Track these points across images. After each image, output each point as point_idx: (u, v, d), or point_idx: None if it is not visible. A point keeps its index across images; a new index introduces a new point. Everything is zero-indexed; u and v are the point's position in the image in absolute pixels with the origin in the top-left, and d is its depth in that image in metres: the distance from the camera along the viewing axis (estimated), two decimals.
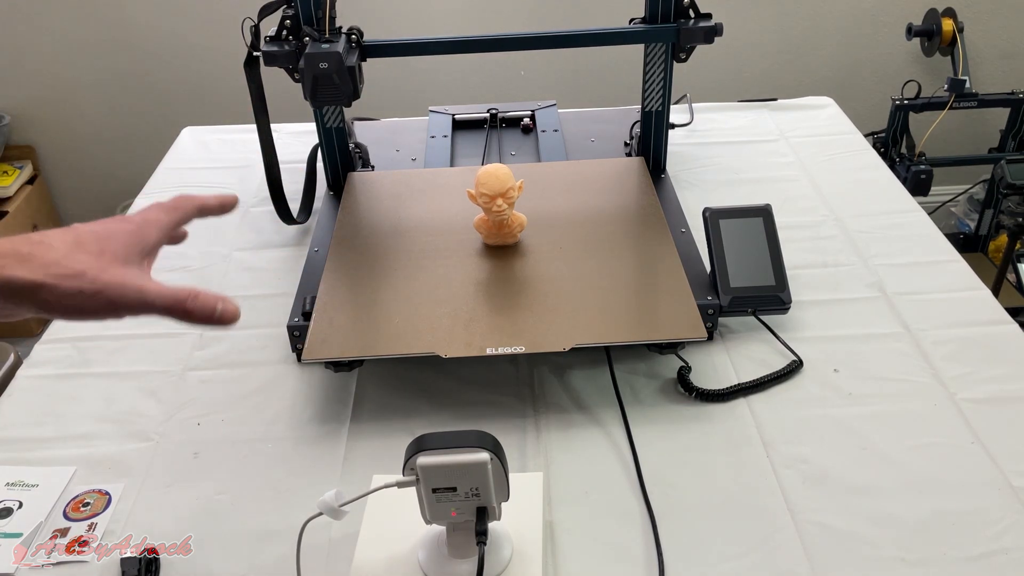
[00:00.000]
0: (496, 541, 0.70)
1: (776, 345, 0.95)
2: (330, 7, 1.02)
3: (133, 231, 0.59)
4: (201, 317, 0.56)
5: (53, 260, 0.53)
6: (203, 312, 0.56)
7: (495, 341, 0.86)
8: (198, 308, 0.56)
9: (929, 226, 1.15)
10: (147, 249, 0.59)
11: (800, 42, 2.41)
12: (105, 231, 0.57)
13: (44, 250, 0.53)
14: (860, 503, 0.77)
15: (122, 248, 0.57)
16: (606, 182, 1.14)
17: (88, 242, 0.55)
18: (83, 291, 0.53)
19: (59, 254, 0.54)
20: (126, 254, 0.57)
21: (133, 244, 0.58)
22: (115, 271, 0.55)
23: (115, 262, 0.55)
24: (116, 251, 0.56)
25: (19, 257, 0.52)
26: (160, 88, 2.42)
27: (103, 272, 0.54)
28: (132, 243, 0.58)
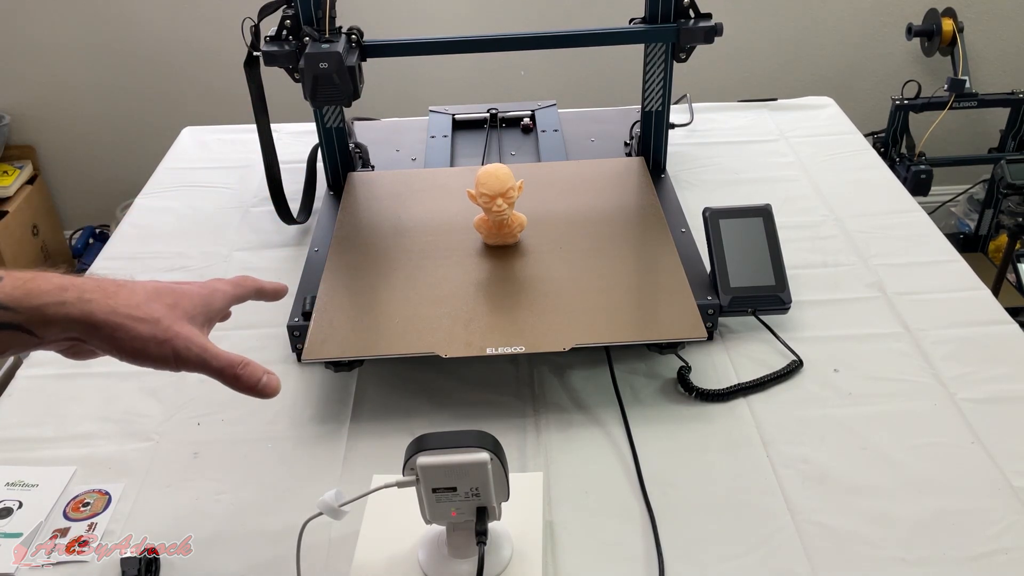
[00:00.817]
0: (496, 541, 0.70)
1: (776, 345, 0.95)
2: (330, 7, 1.02)
3: (205, 295, 0.63)
4: (246, 384, 0.61)
5: (134, 303, 0.57)
6: (249, 380, 0.61)
7: (495, 341, 0.86)
8: (246, 376, 0.61)
9: (929, 226, 1.15)
10: (212, 314, 0.64)
11: (800, 42, 2.41)
12: (180, 289, 0.62)
13: (127, 293, 0.58)
14: (860, 503, 0.77)
15: (191, 307, 0.61)
16: (606, 182, 1.14)
17: (164, 295, 0.60)
18: (155, 337, 0.57)
19: (140, 299, 0.58)
20: (194, 313, 0.61)
21: (201, 306, 0.62)
22: (184, 325, 0.59)
23: (184, 318, 0.60)
24: (187, 308, 0.61)
25: (105, 295, 0.56)
26: (160, 88, 2.42)
27: (174, 324, 0.59)
28: (200, 305, 0.62)
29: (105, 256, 1.17)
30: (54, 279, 0.56)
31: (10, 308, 0.54)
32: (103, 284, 0.57)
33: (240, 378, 0.60)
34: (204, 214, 1.26)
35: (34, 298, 0.54)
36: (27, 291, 0.54)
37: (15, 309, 0.54)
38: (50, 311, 0.54)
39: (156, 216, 1.26)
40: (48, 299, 0.54)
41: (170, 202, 1.29)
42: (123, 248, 1.19)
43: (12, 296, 0.54)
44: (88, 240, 2.58)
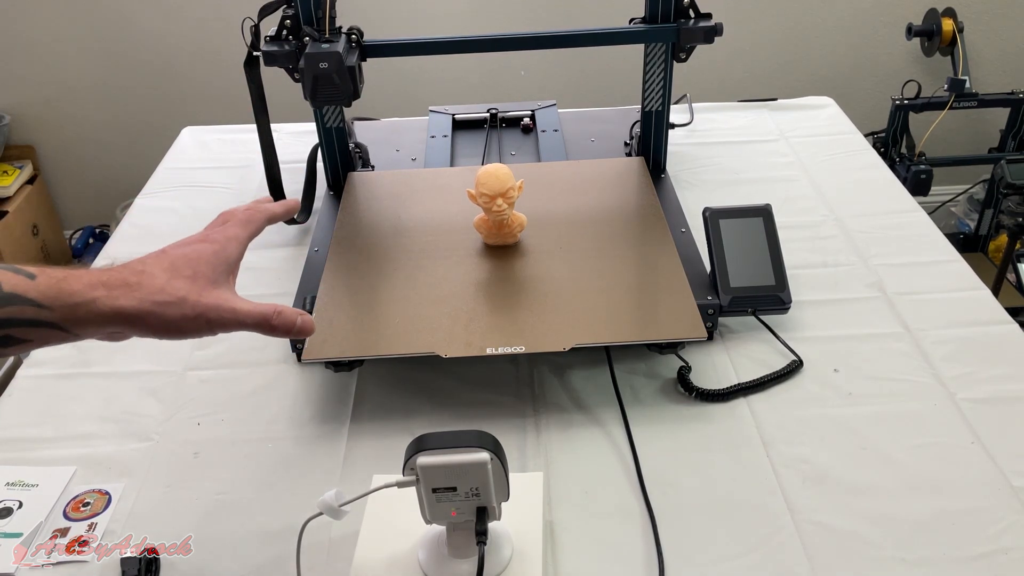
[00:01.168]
0: (496, 541, 0.70)
1: (776, 345, 0.95)
2: (330, 7, 1.02)
3: (218, 251, 0.63)
4: (284, 330, 0.63)
5: (158, 288, 0.58)
6: (286, 325, 0.63)
7: (495, 341, 0.86)
8: (282, 323, 0.62)
9: (929, 226, 1.15)
10: (231, 266, 0.65)
11: (800, 42, 2.41)
12: (195, 253, 0.62)
13: (148, 279, 0.58)
14: (860, 503, 0.77)
15: (211, 270, 0.62)
16: (606, 182, 1.14)
17: (182, 267, 0.60)
18: (185, 315, 0.58)
19: (161, 281, 0.59)
20: (215, 275, 0.62)
21: (219, 263, 0.63)
22: (210, 294, 0.60)
23: (208, 284, 0.61)
24: (207, 274, 0.61)
25: (128, 287, 0.57)
26: (160, 88, 2.42)
27: (200, 296, 0.60)
28: (218, 263, 0.63)
29: (105, 256, 1.17)
30: (84, 277, 0.57)
31: (45, 306, 0.55)
32: (125, 276, 0.58)
33: (277, 328, 0.62)
34: (204, 214, 1.25)
35: (66, 298, 0.55)
36: (60, 291, 0.55)
37: (50, 307, 0.55)
38: (82, 311, 0.56)
39: (156, 216, 1.26)
40: (79, 298, 0.55)
41: (170, 202, 1.29)
42: (123, 248, 1.19)
43: (47, 295, 0.55)
44: (88, 240, 2.58)
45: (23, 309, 0.54)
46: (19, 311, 0.54)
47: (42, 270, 0.56)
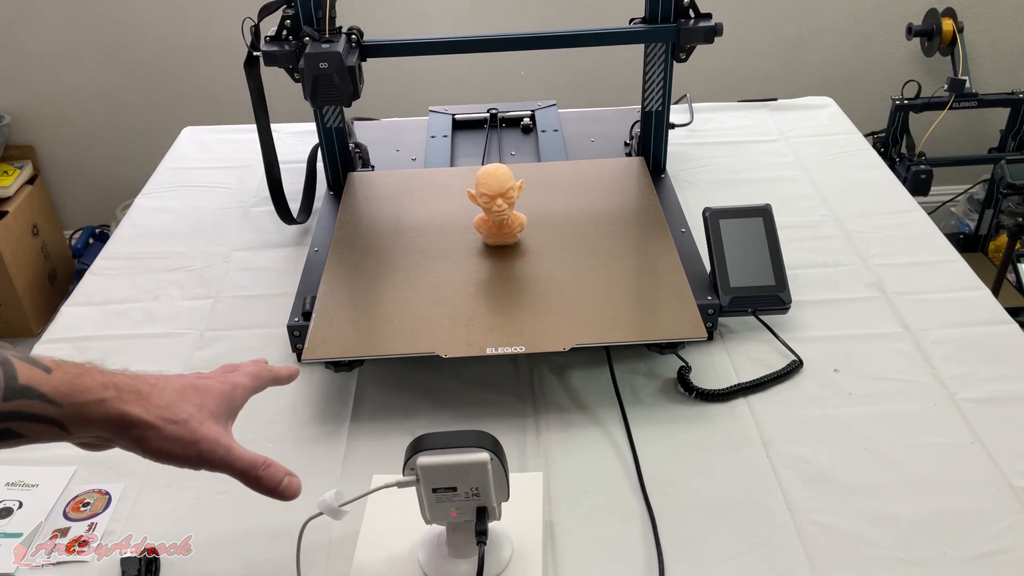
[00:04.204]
0: (496, 541, 0.70)
1: (776, 345, 0.95)
2: (330, 7, 1.02)
3: (227, 392, 0.64)
4: (268, 485, 0.62)
5: (165, 404, 0.59)
6: (271, 481, 0.62)
7: (495, 341, 0.86)
8: (267, 476, 0.62)
9: (929, 226, 1.15)
10: (234, 411, 0.65)
11: (800, 42, 2.41)
12: (205, 387, 0.63)
13: (159, 393, 0.59)
14: (860, 503, 0.77)
15: (216, 407, 0.62)
16: (606, 182, 1.14)
17: (191, 394, 0.61)
18: (182, 438, 0.58)
19: (170, 399, 0.59)
20: (218, 412, 0.62)
21: (224, 404, 0.63)
22: (211, 426, 0.60)
23: (210, 417, 0.61)
24: (212, 407, 0.62)
25: (139, 395, 0.58)
26: (160, 88, 2.42)
27: (202, 425, 0.60)
28: (224, 403, 0.63)
29: (105, 256, 1.17)
30: (98, 376, 0.57)
31: (56, 403, 0.55)
32: (138, 384, 0.59)
33: (261, 480, 0.61)
34: (204, 214, 1.26)
35: (79, 395, 0.56)
36: (74, 387, 0.56)
37: (60, 404, 0.55)
38: (90, 409, 0.56)
39: (156, 216, 1.26)
40: (91, 396, 0.56)
41: (170, 202, 1.29)
42: (123, 248, 1.19)
43: (60, 391, 0.55)
44: (88, 240, 2.58)
45: (33, 404, 0.54)
46: (28, 405, 0.54)
47: (58, 364, 0.56)
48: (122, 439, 0.58)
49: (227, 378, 0.66)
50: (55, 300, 2.45)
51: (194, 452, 0.59)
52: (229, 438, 0.62)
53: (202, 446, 0.59)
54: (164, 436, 0.58)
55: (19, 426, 0.54)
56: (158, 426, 0.58)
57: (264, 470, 0.62)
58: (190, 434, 0.59)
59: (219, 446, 0.60)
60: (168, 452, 0.59)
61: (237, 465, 0.61)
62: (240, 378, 0.67)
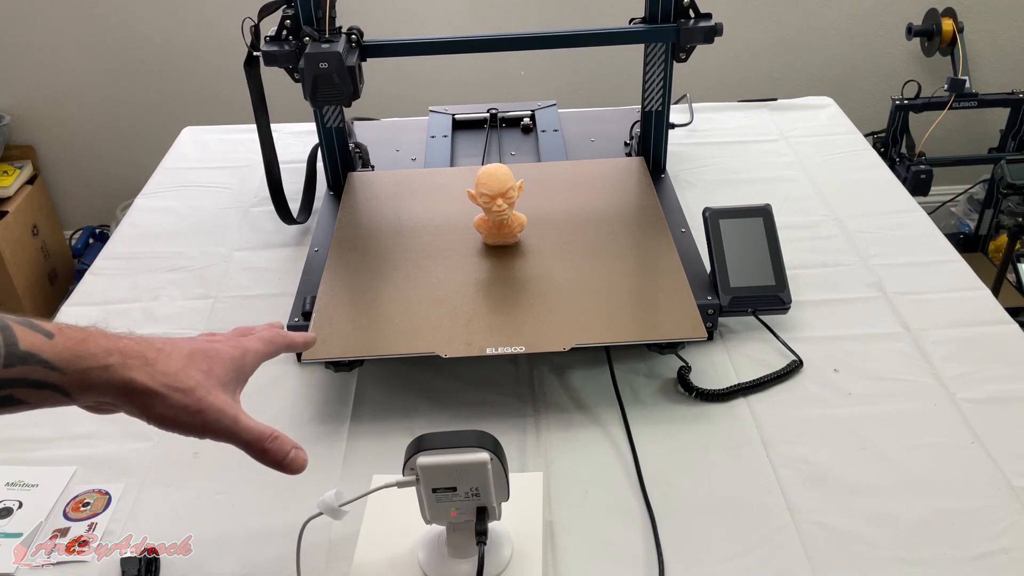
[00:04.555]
0: (496, 541, 0.70)
1: (776, 345, 0.95)
2: (330, 7, 1.02)
3: (237, 357, 0.63)
4: (274, 458, 0.60)
5: (172, 371, 0.57)
6: (277, 454, 0.60)
7: (495, 341, 0.86)
8: (273, 449, 0.60)
9: (929, 226, 1.15)
10: (244, 377, 0.64)
11: (800, 42, 2.41)
12: (214, 351, 0.61)
13: (165, 359, 0.58)
14: (860, 503, 0.77)
15: (224, 372, 0.61)
16: (606, 182, 1.14)
17: (199, 359, 0.60)
18: (188, 407, 0.57)
19: (176, 366, 0.58)
20: (227, 379, 0.61)
21: (234, 370, 0.62)
22: (217, 395, 0.59)
23: (218, 385, 0.60)
24: (220, 374, 0.60)
25: (144, 360, 0.56)
26: (160, 88, 2.42)
27: (208, 393, 0.58)
28: (233, 369, 0.62)
29: (105, 256, 1.17)
30: (102, 341, 0.56)
31: (58, 369, 0.54)
32: (144, 349, 0.57)
33: (268, 451, 0.60)
34: (204, 214, 1.26)
35: (82, 361, 0.54)
36: (77, 353, 0.54)
37: (63, 370, 0.54)
38: (94, 375, 0.55)
39: (156, 216, 1.26)
40: (95, 363, 0.55)
41: (170, 202, 1.29)
42: (123, 248, 1.19)
43: (63, 357, 0.54)
44: (88, 240, 2.58)
45: (35, 370, 0.53)
46: (31, 371, 0.53)
47: (60, 329, 0.55)
48: (126, 405, 0.57)
49: (239, 342, 0.64)
50: (55, 300, 2.45)
51: (199, 421, 0.58)
52: (236, 407, 0.60)
53: (207, 415, 0.58)
54: (169, 404, 0.57)
55: (21, 392, 0.53)
56: (163, 394, 0.56)
57: (271, 442, 0.60)
58: (196, 403, 0.57)
59: (225, 416, 0.58)
60: (173, 420, 0.57)
61: (243, 436, 0.59)
62: (252, 343, 0.65)
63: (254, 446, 0.60)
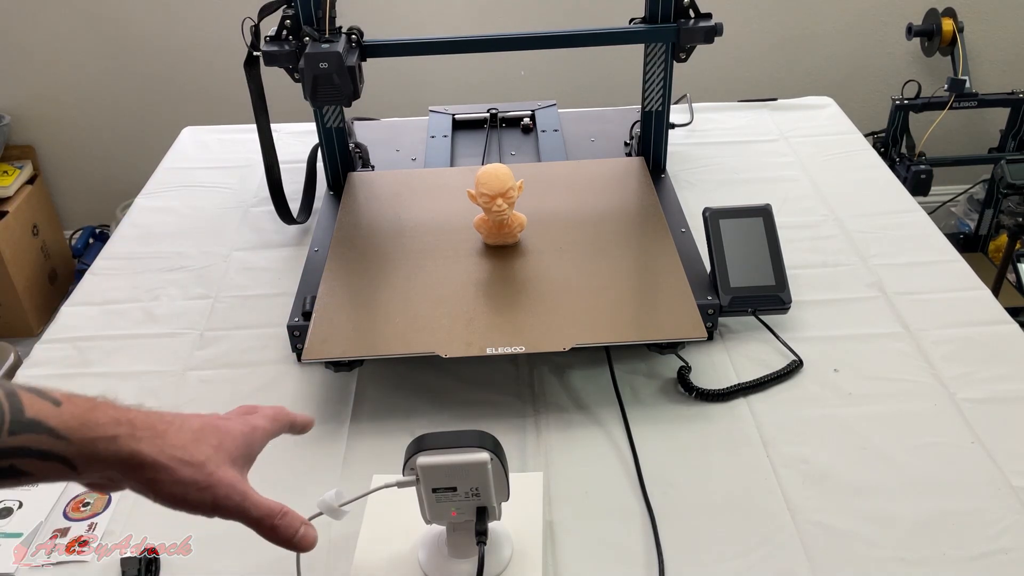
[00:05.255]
0: (496, 541, 0.69)
1: (776, 345, 0.95)
2: (330, 7, 1.02)
3: (246, 434, 0.62)
4: (283, 535, 0.59)
5: (181, 444, 0.56)
6: (286, 531, 0.59)
7: (495, 341, 0.86)
8: (283, 526, 0.59)
9: (929, 226, 1.15)
10: (252, 455, 0.63)
11: (800, 42, 2.41)
12: (225, 427, 0.60)
13: (175, 432, 0.56)
14: (860, 503, 0.77)
15: (234, 449, 0.60)
16: (606, 182, 1.14)
17: (209, 435, 0.58)
18: (197, 482, 0.55)
19: (186, 439, 0.56)
20: (236, 455, 0.60)
21: (242, 447, 0.61)
22: (227, 471, 0.58)
23: (227, 461, 0.58)
24: (230, 449, 0.59)
25: (154, 433, 0.55)
26: (160, 88, 2.42)
27: (217, 469, 0.57)
28: (242, 446, 0.61)
29: (105, 256, 1.17)
30: (110, 411, 0.54)
31: (64, 437, 0.52)
32: (153, 422, 0.56)
33: (277, 529, 0.59)
34: (204, 214, 1.26)
35: (89, 430, 0.53)
36: (83, 422, 0.53)
37: (68, 439, 0.52)
38: (100, 446, 0.53)
39: (156, 216, 1.26)
40: (102, 432, 0.53)
41: (170, 202, 1.29)
42: (123, 248, 1.19)
43: (69, 425, 0.52)
44: (88, 240, 2.57)
45: (40, 439, 0.51)
46: (35, 440, 0.51)
47: (68, 398, 0.53)
48: (132, 480, 0.55)
49: (247, 420, 0.64)
50: (55, 300, 2.45)
51: (208, 497, 0.56)
52: (245, 484, 0.59)
53: (217, 491, 0.56)
54: (177, 479, 0.55)
55: (24, 463, 0.51)
56: (172, 468, 0.54)
57: (280, 519, 0.59)
58: (205, 478, 0.56)
59: (235, 492, 0.57)
60: (181, 497, 0.55)
61: (252, 513, 0.58)
62: (259, 420, 0.65)
63: (263, 523, 0.58)
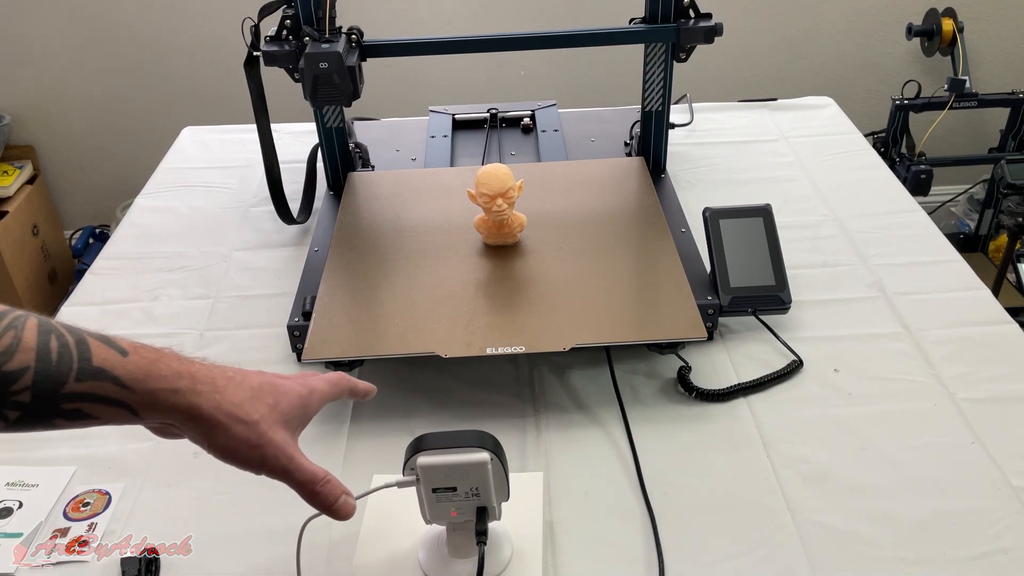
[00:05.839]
0: (496, 541, 0.70)
1: (776, 345, 0.95)
2: (330, 7, 1.02)
3: (303, 396, 0.63)
4: (324, 502, 0.61)
5: (238, 401, 0.58)
6: (327, 498, 0.61)
7: (495, 341, 0.86)
8: (324, 493, 0.61)
9: (929, 226, 1.15)
10: (307, 416, 0.64)
11: (800, 42, 2.41)
12: (283, 387, 0.62)
13: (234, 388, 0.59)
14: (860, 503, 0.77)
15: (289, 409, 0.61)
16: (606, 182, 1.14)
17: (267, 393, 0.60)
18: (248, 440, 0.58)
19: (243, 396, 0.58)
20: (291, 416, 0.61)
21: (298, 408, 0.62)
22: (278, 431, 0.59)
23: (281, 421, 0.60)
24: (285, 410, 0.61)
25: (214, 388, 0.57)
26: (160, 88, 2.42)
27: (269, 429, 0.59)
28: (299, 407, 0.62)
29: (105, 256, 1.17)
30: (174, 363, 0.56)
31: (128, 387, 0.54)
32: (214, 376, 0.58)
33: (318, 495, 0.60)
34: (204, 214, 1.26)
35: (152, 381, 0.55)
36: (148, 372, 0.55)
37: (132, 389, 0.54)
38: (162, 397, 0.55)
39: (156, 216, 1.26)
40: (164, 384, 0.55)
41: (170, 202, 1.29)
42: (123, 248, 1.19)
43: (133, 376, 0.54)
44: (88, 240, 2.58)
45: (105, 386, 0.53)
46: (101, 387, 0.53)
47: (135, 348, 0.55)
48: (190, 431, 0.57)
49: (306, 381, 0.65)
50: (55, 300, 2.45)
51: (257, 456, 0.58)
52: (294, 447, 0.61)
53: (266, 451, 0.58)
54: (230, 435, 0.57)
55: (90, 407, 0.53)
56: (226, 424, 0.57)
57: (322, 485, 0.60)
58: (257, 437, 0.58)
59: (282, 454, 0.59)
60: (232, 452, 0.58)
61: (296, 476, 0.60)
62: (318, 383, 0.66)
63: (305, 488, 0.60)
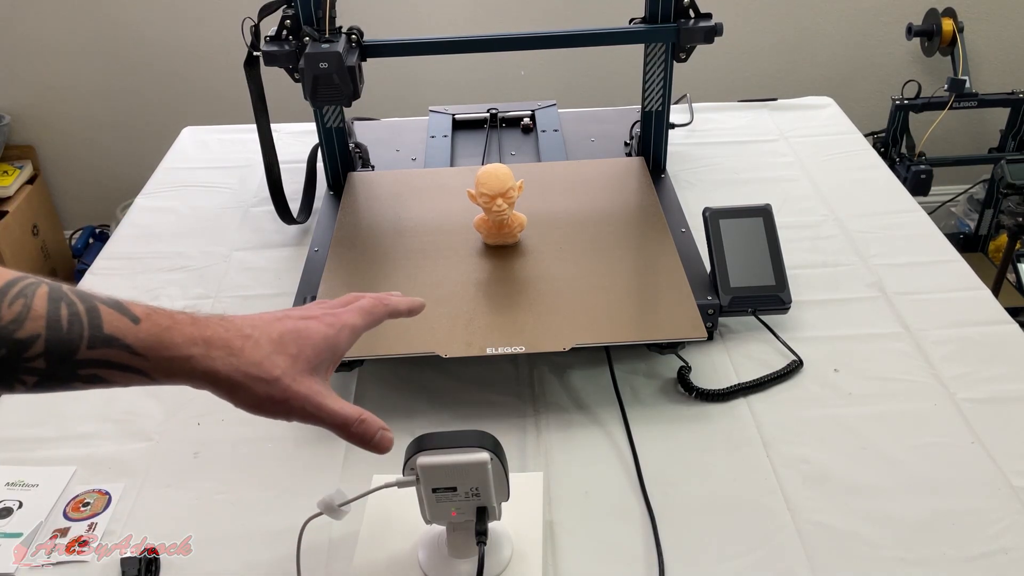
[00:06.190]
0: (496, 541, 0.70)
1: (776, 345, 0.95)
2: (330, 7, 1.02)
3: (329, 336, 0.62)
4: (361, 438, 0.61)
5: (256, 360, 0.57)
6: (365, 435, 0.61)
7: (495, 341, 0.86)
8: (361, 432, 0.61)
9: (929, 226, 1.15)
10: (336, 357, 0.63)
11: (800, 42, 2.41)
12: (307, 331, 0.61)
13: (252, 347, 0.57)
14: (860, 503, 0.77)
15: (315, 354, 0.60)
16: (606, 182, 1.14)
17: (289, 342, 0.59)
18: (272, 396, 0.57)
19: (263, 353, 0.57)
20: (316, 360, 0.60)
21: (325, 350, 0.61)
22: (303, 381, 0.59)
23: (305, 369, 0.59)
24: (309, 357, 0.60)
25: (229, 350, 0.56)
26: (160, 88, 2.42)
27: (293, 381, 0.58)
28: (325, 348, 0.61)
29: (105, 256, 1.17)
30: (187, 329, 0.56)
31: (140, 354, 0.54)
32: (231, 337, 0.57)
33: (354, 435, 0.61)
34: (204, 214, 1.26)
35: (165, 349, 0.54)
36: (160, 340, 0.54)
37: (145, 356, 0.54)
38: (176, 365, 0.55)
39: (156, 216, 1.26)
40: (177, 352, 0.55)
41: (170, 202, 1.29)
42: (123, 248, 1.19)
43: (146, 343, 0.54)
44: (88, 240, 2.58)
45: (119, 354, 0.53)
46: (114, 355, 0.53)
47: (148, 314, 0.55)
48: (213, 391, 0.57)
49: (335, 317, 0.63)
50: None
51: (285, 409, 0.58)
52: (323, 392, 0.60)
53: (292, 404, 0.58)
54: (253, 394, 0.57)
55: (106, 373, 0.53)
56: (246, 385, 0.57)
57: (358, 426, 0.60)
58: (280, 392, 0.57)
59: (310, 403, 0.58)
60: (259, 406, 0.58)
61: (330, 421, 0.59)
62: (351, 317, 0.64)
63: (341, 431, 0.60)
